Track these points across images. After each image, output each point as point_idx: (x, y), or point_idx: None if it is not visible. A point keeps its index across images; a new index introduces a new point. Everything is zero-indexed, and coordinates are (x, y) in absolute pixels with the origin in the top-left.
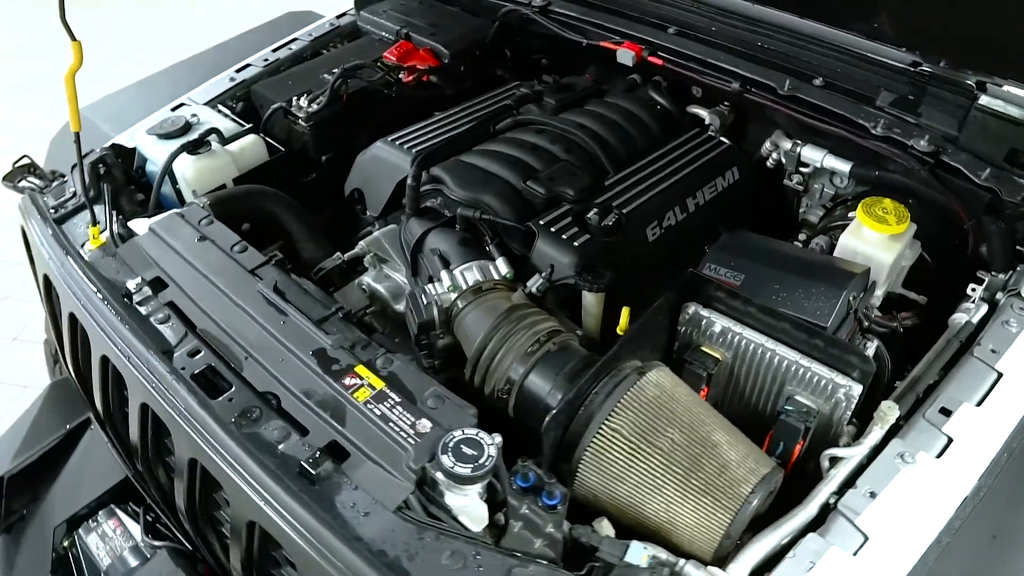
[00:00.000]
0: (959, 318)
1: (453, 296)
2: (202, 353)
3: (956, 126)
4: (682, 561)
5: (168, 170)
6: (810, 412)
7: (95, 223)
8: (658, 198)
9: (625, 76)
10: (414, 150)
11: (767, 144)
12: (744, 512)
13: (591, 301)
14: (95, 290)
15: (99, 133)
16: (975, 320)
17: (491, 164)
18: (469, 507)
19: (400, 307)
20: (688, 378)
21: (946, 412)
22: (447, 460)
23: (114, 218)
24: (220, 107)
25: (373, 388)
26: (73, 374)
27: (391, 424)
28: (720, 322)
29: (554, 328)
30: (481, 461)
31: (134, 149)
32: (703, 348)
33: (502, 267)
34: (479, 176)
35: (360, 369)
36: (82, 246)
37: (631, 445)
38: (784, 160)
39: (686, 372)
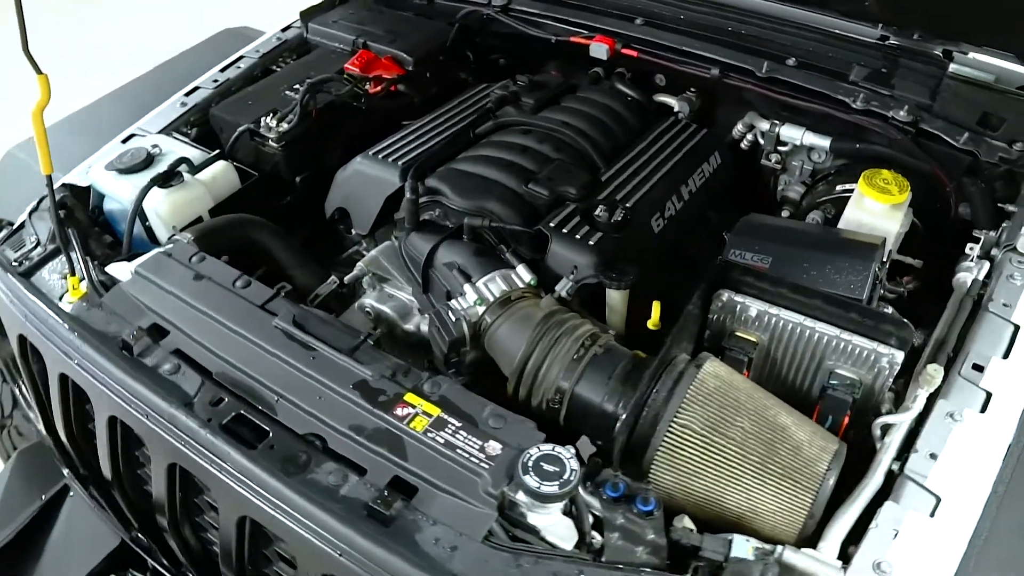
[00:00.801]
0: (964, 277)
1: (480, 310)
2: (226, 400)
3: (929, 95)
4: (779, 548)
5: (139, 208)
6: (855, 384)
7: (73, 272)
8: (657, 189)
9: (587, 71)
10: (399, 163)
11: (739, 126)
12: (824, 490)
13: (616, 299)
14: (89, 346)
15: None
16: (980, 277)
17: (486, 170)
18: (554, 525)
19: (410, 326)
20: (729, 364)
21: (979, 368)
22: (531, 480)
23: (91, 265)
24: (175, 135)
25: (429, 415)
26: (65, 438)
27: (458, 451)
28: (755, 306)
29: (594, 331)
30: (566, 477)
31: (89, 188)
32: (738, 333)
33: (525, 274)
34: (477, 183)
35: (410, 397)
36: (60, 299)
37: (703, 439)
38: (762, 140)
39: (726, 359)
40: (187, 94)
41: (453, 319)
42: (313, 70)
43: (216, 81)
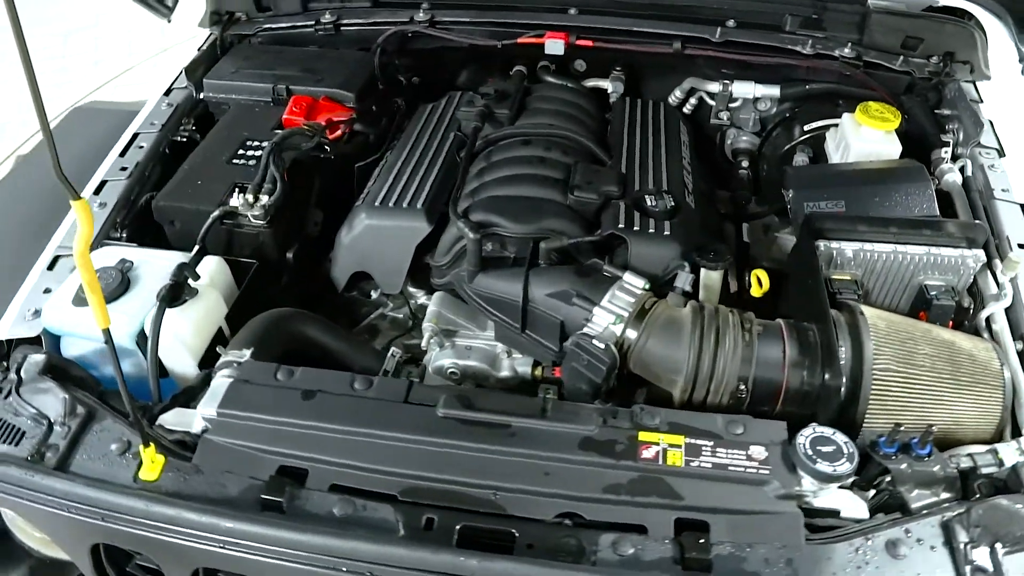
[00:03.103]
0: (952, 178)
1: (618, 329)
2: (436, 518)
3: (857, 31)
4: (1000, 446)
5: (157, 338)
6: (952, 290)
7: (147, 444)
8: (672, 168)
9: (507, 71)
10: (419, 206)
11: (677, 93)
12: (1007, 384)
13: (714, 279)
14: (230, 520)
15: None
16: (968, 174)
17: (521, 189)
18: (846, 499)
19: (504, 372)
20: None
21: (1021, 246)
22: (826, 467)
23: (144, 425)
24: (107, 242)
25: (677, 446)
26: None
27: (730, 469)
28: (849, 247)
29: (740, 315)
30: (846, 451)
31: (38, 337)
32: (835, 276)
33: (637, 280)
34: (525, 204)
35: (645, 436)
36: (136, 482)
37: (902, 375)
38: (713, 101)
39: (838, 303)
40: (96, 192)
41: (602, 346)
42: (246, 130)
43: (124, 169)
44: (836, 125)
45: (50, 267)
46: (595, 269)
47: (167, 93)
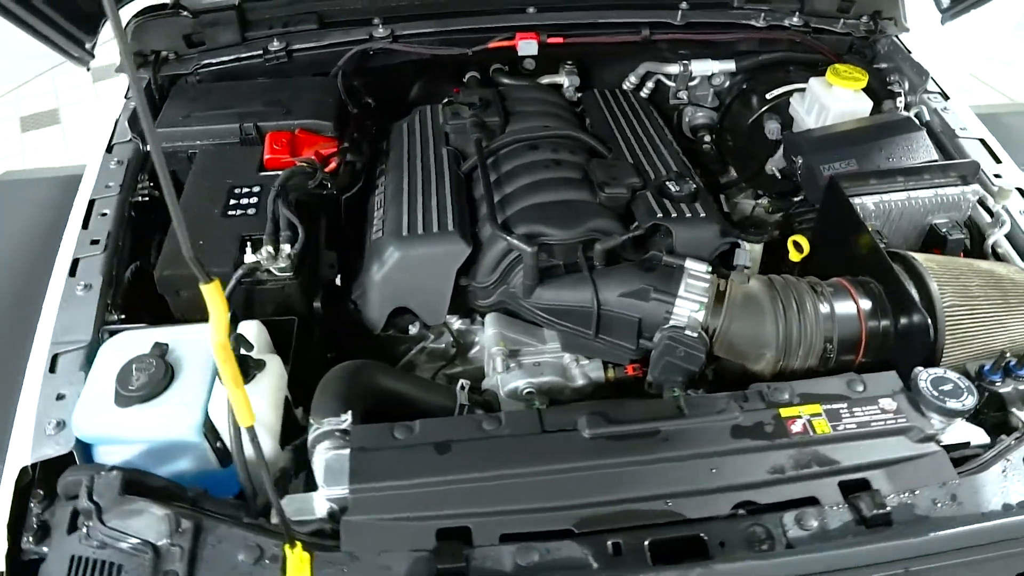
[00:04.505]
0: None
1: (700, 317)
2: (622, 541)
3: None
4: None
5: (235, 423)
6: (959, 224)
7: (292, 544)
8: (669, 152)
9: (459, 77)
10: (449, 228)
11: (631, 78)
12: None
13: (757, 251)
14: None
15: None
16: (927, 119)
17: (552, 194)
18: (968, 430)
19: (578, 382)
20: None
21: (998, 176)
22: (955, 404)
23: (285, 515)
24: (108, 329)
25: (818, 415)
26: None
27: (872, 425)
28: (870, 201)
29: (806, 279)
30: (963, 385)
31: (71, 454)
32: None
33: (700, 265)
34: (565, 210)
35: (785, 411)
36: None
37: (966, 307)
38: (673, 82)
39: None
40: (72, 272)
41: (695, 335)
42: (228, 178)
43: (95, 242)
44: (800, 90)
45: (52, 369)
46: (655, 261)
47: (109, 150)
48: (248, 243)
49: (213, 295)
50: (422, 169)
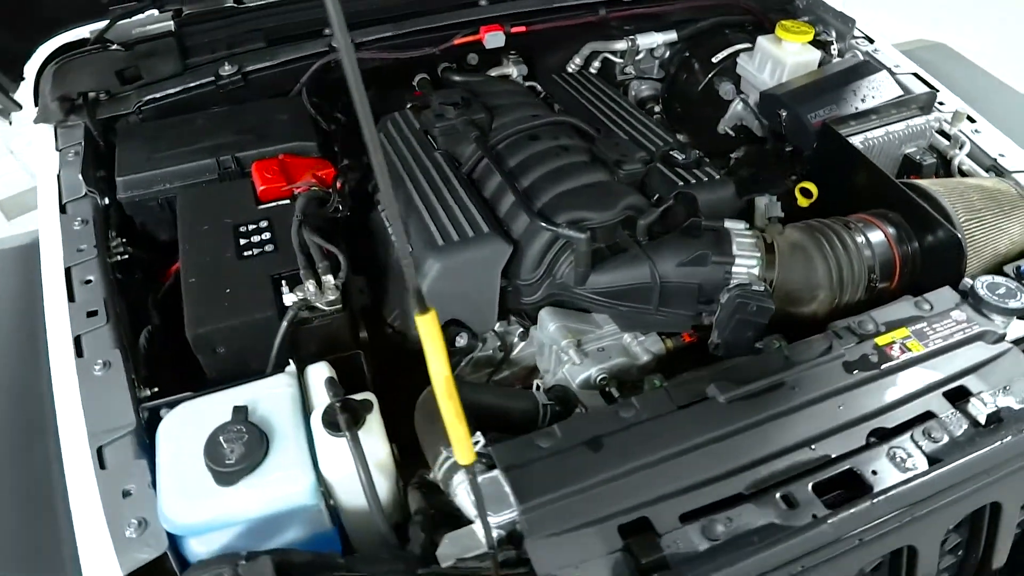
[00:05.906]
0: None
1: (758, 271)
2: (792, 493)
3: None
4: None
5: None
6: (927, 149)
7: None
8: (652, 125)
9: (407, 82)
10: (485, 230)
11: (576, 60)
12: None
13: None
14: None
15: None
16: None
17: (575, 180)
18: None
19: (644, 358)
20: None
21: (942, 103)
22: (1016, 303)
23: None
24: (147, 407)
25: (908, 337)
26: None
27: (954, 336)
28: (857, 139)
29: (834, 218)
30: (1013, 286)
31: (165, 554)
32: None
33: (739, 224)
34: (592, 194)
35: (881, 340)
36: None
37: (975, 220)
38: (621, 58)
39: None
40: (79, 354)
41: (761, 288)
42: (226, 217)
43: (93, 313)
44: (746, 50)
45: (102, 466)
46: (697, 227)
47: (63, 210)
48: (283, 282)
49: (429, 326)
50: (424, 177)
